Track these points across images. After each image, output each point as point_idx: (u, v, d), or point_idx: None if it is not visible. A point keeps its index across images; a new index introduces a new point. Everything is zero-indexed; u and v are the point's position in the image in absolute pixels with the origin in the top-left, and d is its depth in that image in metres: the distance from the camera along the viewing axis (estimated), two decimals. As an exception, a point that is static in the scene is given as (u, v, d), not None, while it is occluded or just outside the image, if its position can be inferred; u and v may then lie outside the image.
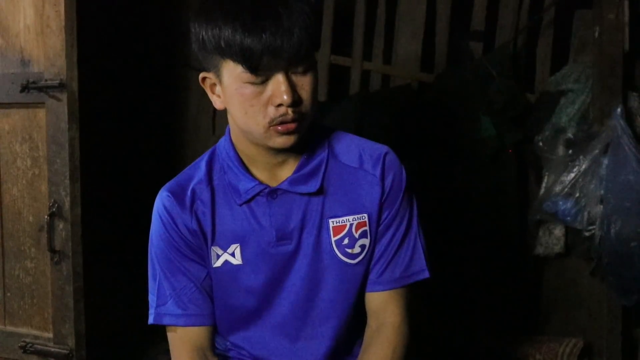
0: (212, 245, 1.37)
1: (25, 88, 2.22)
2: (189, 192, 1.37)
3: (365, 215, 1.37)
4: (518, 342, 2.52)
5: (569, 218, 2.37)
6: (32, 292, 2.33)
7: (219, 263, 1.37)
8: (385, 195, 1.37)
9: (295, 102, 1.24)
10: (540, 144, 2.48)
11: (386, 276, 1.40)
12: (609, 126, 2.28)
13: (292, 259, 1.36)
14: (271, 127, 1.26)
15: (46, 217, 2.24)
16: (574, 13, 2.67)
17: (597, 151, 2.29)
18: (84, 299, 2.27)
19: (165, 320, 1.38)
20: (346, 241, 1.36)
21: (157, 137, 3.25)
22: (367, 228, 1.37)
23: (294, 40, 1.19)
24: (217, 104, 1.34)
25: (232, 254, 1.36)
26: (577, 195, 2.34)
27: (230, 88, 1.26)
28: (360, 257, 1.38)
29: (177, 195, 1.37)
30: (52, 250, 2.25)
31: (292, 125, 1.25)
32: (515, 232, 2.61)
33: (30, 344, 2.31)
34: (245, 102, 1.25)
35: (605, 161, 2.28)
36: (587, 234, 2.34)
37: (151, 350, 2.77)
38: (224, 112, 1.38)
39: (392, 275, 1.40)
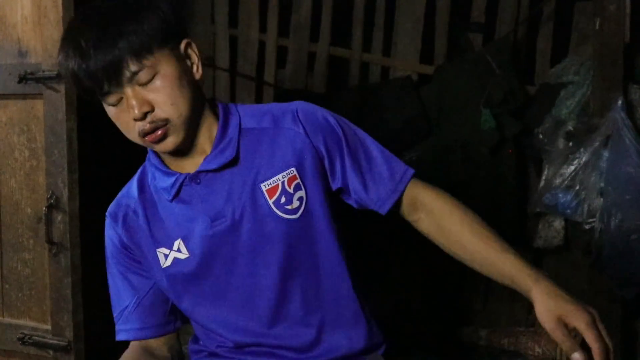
0: (156, 248, 1.39)
1: (22, 79, 2.21)
2: (122, 208, 1.43)
3: (294, 168, 1.36)
4: (518, 335, 2.52)
5: (568, 211, 2.36)
6: (30, 284, 2.33)
7: (168, 262, 1.38)
8: (318, 143, 1.37)
9: (151, 111, 1.26)
10: (540, 136, 2.47)
11: (382, 191, 1.39)
12: (610, 118, 2.27)
13: (233, 234, 1.35)
14: (145, 138, 1.29)
15: (44, 208, 2.23)
16: (574, 5, 2.67)
17: (597, 144, 2.29)
18: (82, 291, 2.27)
19: (119, 337, 1.50)
20: (283, 199, 1.35)
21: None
22: (299, 180, 1.36)
23: (120, 55, 1.22)
24: None
25: (178, 250, 1.38)
26: (577, 187, 2.34)
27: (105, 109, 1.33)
28: (301, 210, 1.36)
29: (113, 214, 1.45)
30: (51, 242, 2.24)
31: (158, 133, 1.28)
32: (515, 225, 2.61)
33: (28, 336, 2.31)
34: (116, 122, 1.32)
35: (606, 154, 2.27)
36: (587, 226, 2.33)
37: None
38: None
39: (387, 187, 1.39)
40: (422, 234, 1.41)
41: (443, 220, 1.36)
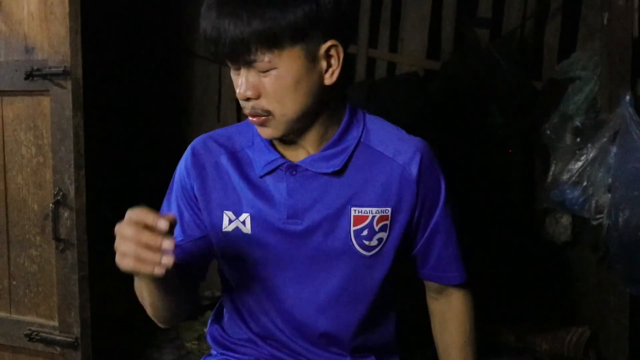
0: (224, 209, 1.36)
1: (29, 75, 2.21)
2: (206, 152, 1.39)
3: (389, 209, 1.33)
4: (525, 331, 2.52)
5: (576, 207, 2.35)
6: (38, 280, 2.33)
7: (230, 228, 1.36)
8: (420, 198, 1.34)
9: (250, 97, 1.24)
10: (548, 132, 2.46)
11: (435, 274, 1.46)
12: (617, 114, 2.25)
13: (300, 239, 1.33)
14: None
15: (51, 205, 2.23)
16: (582, -1, 2.65)
17: (605, 139, 2.27)
18: (89, 287, 2.27)
19: None
20: (365, 232, 1.32)
21: (161, 125, 3.25)
22: (387, 222, 1.33)
23: (239, 44, 1.19)
24: None
25: (243, 223, 1.35)
26: (585, 183, 2.33)
27: None
28: (376, 250, 1.34)
29: (197, 155, 1.40)
30: (57, 238, 2.24)
31: (258, 119, 1.26)
32: (522, 221, 2.60)
33: (35, 332, 2.31)
34: (233, 80, 1.29)
35: (614, 149, 2.26)
36: (594, 222, 2.32)
37: (156, 338, 2.78)
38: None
39: (438, 274, 1.46)
40: (429, 307, 1.53)
41: (449, 324, 1.49)
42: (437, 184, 1.37)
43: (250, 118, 1.28)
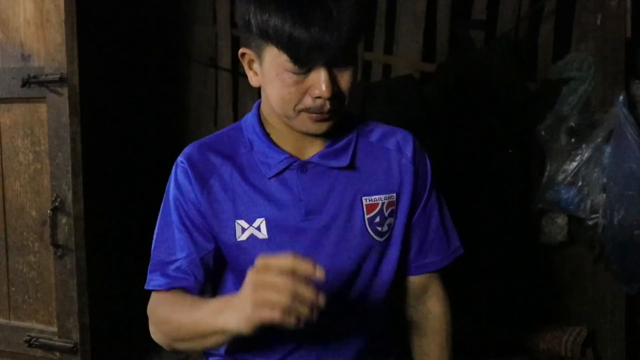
0: (236, 219, 1.35)
1: (26, 83, 2.22)
2: (206, 167, 1.36)
3: (395, 195, 1.39)
4: (522, 331, 2.52)
5: (572, 207, 2.36)
6: (36, 286, 2.34)
7: (244, 237, 1.34)
8: (416, 179, 1.41)
9: (334, 95, 1.24)
10: (543, 132, 2.47)
11: (429, 260, 1.47)
12: (612, 114, 2.27)
13: (322, 234, 1.35)
14: (306, 114, 1.27)
15: (49, 211, 2.24)
16: (575, 1, 2.66)
17: (599, 139, 2.29)
18: (88, 293, 2.28)
19: (153, 285, 1.36)
20: (377, 219, 1.37)
21: (158, 130, 3.25)
22: (394, 208, 1.40)
23: (342, 36, 1.19)
24: (253, 80, 1.34)
25: (258, 228, 1.34)
26: (580, 183, 2.34)
27: (270, 72, 1.26)
28: (387, 235, 1.40)
29: (194, 167, 1.36)
30: (56, 244, 2.25)
31: (326, 116, 1.27)
32: (519, 221, 2.61)
33: (35, 338, 2.32)
34: (284, 88, 1.25)
35: (608, 149, 2.27)
36: (590, 222, 2.33)
37: (155, 343, 2.78)
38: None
39: (434, 258, 1.48)
40: (407, 317, 1.53)
41: (428, 334, 1.50)
42: (426, 168, 1.45)
43: (316, 115, 1.27)
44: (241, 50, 1.33)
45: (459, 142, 2.63)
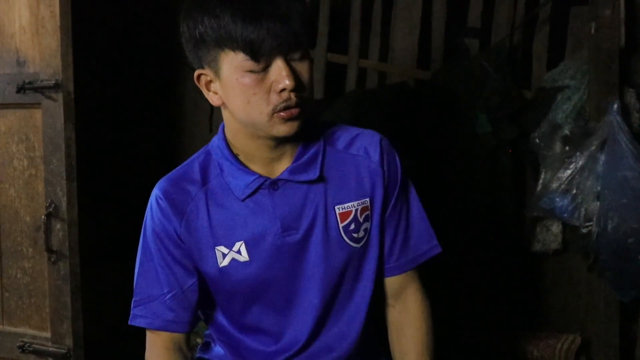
0: (215, 245, 1.37)
1: (21, 89, 2.22)
2: (182, 197, 1.37)
3: (368, 199, 1.41)
4: (516, 339, 2.52)
5: (565, 215, 2.37)
6: (30, 292, 2.33)
7: (225, 262, 1.37)
8: (386, 180, 1.42)
9: (297, 86, 1.26)
10: (537, 140, 2.48)
11: (402, 260, 1.47)
12: (606, 122, 2.28)
13: (301, 248, 1.37)
14: (275, 115, 1.27)
15: (43, 217, 2.24)
16: (569, 9, 2.67)
17: (593, 147, 2.29)
18: (82, 299, 2.28)
19: (138, 322, 1.42)
20: (352, 226, 1.39)
21: (153, 136, 3.25)
22: (369, 212, 1.41)
23: (292, 24, 1.22)
24: (214, 100, 1.35)
25: (238, 252, 1.36)
26: (574, 191, 2.34)
27: (230, 79, 1.27)
28: (364, 241, 1.41)
29: (170, 199, 1.37)
30: (50, 250, 2.25)
31: (295, 110, 1.27)
32: (513, 229, 2.62)
33: (28, 344, 2.31)
34: (247, 91, 1.26)
35: (602, 157, 2.28)
36: (584, 230, 2.33)
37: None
38: (220, 109, 1.38)
39: (407, 257, 1.48)
40: (386, 317, 1.53)
41: (407, 333, 1.50)
42: (396, 167, 1.46)
43: (285, 112, 1.27)
44: (196, 73, 1.34)
45: (454, 150, 2.63)
